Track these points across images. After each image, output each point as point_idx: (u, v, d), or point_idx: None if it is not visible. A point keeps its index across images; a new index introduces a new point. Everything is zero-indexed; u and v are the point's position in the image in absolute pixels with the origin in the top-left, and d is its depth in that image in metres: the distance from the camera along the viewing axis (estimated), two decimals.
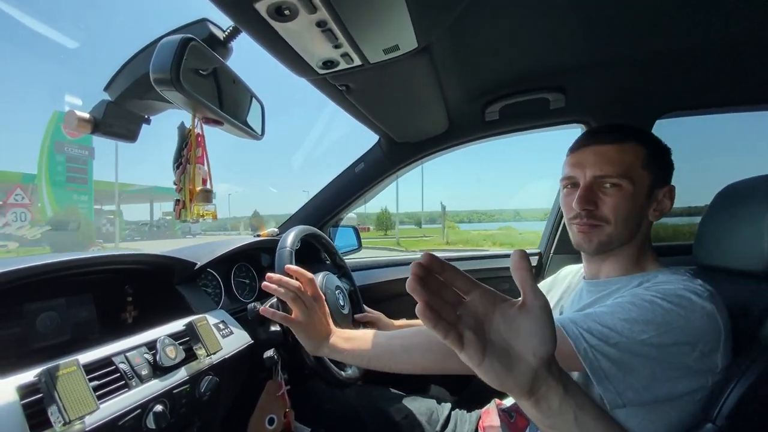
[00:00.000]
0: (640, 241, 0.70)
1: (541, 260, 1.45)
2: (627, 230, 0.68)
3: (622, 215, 0.66)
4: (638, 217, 0.68)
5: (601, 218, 0.68)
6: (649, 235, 0.72)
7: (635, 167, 0.66)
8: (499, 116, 1.19)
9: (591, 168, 0.68)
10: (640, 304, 0.57)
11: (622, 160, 0.66)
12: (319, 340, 0.74)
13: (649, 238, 0.72)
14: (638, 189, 0.66)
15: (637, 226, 0.69)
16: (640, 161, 0.66)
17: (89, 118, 0.64)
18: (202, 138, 0.68)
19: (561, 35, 0.89)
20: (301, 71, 0.72)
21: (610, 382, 0.55)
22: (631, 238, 0.69)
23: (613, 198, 0.66)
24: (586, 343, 0.55)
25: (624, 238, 0.69)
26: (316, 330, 0.75)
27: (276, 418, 0.92)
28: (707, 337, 0.55)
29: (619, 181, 0.66)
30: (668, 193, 0.69)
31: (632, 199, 0.66)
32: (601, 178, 0.67)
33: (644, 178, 0.67)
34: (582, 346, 0.55)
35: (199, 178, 0.68)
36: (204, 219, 0.70)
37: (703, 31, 0.87)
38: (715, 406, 0.55)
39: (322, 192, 1.44)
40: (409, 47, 0.67)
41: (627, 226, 0.67)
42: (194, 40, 0.51)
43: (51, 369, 0.52)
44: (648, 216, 0.69)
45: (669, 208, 0.69)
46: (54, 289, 0.74)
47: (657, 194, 0.68)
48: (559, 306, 0.83)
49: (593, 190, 0.68)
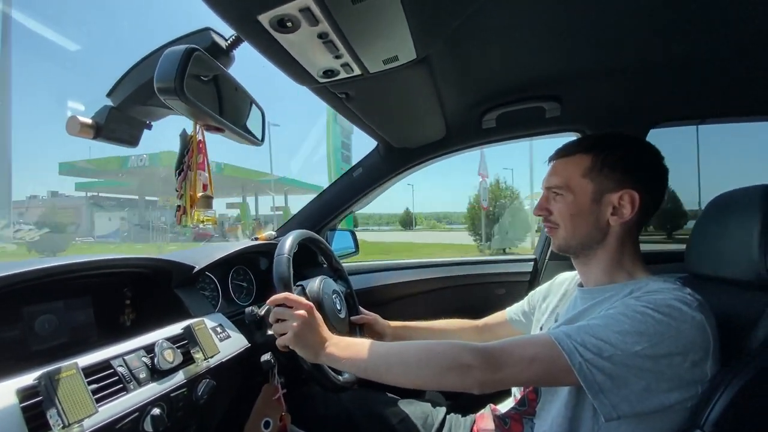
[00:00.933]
0: (614, 245, 0.72)
1: (536, 266, 1.46)
2: (580, 233, 0.73)
3: (567, 219, 0.73)
4: (591, 221, 0.71)
5: (554, 222, 0.76)
6: (630, 240, 0.72)
7: (574, 177, 0.73)
8: (496, 124, 1.20)
9: (545, 181, 0.78)
10: (633, 316, 0.58)
11: (562, 172, 0.75)
12: (315, 349, 0.74)
13: (633, 243, 0.73)
14: (579, 197, 0.72)
15: (597, 230, 0.71)
16: (580, 171, 0.73)
17: (92, 123, 0.65)
18: (203, 144, 0.68)
19: (556, 46, 0.90)
20: (302, 79, 0.73)
21: (605, 396, 0.56)
22: (596, 241, 0.72)
23: (558, 204, 0.75)
24: (580, 357, 0.57)
25: (582, 241, 0.73)
26: (311, 339, 0.75)
27: (272, 422, 0.92)
28: (697, 347, 0.56)
29: (560, 190, 0.74)
30: (627, 197, 0.69)
31: (574, 206, 0.72)
32: (549, 189, 0.76)
33: (585, 186, 0.72)
34: (577, 360, 0.57)
35: (200, 184, 0.68)
36: (204, 225, 0.71)
37: (696, 41, 0.89)
38: (703, 413, 0.56)
39: (321, 196, 1.45)
40: (408, 58, 0.69)
41: (577, 229, 0.73)
42: (198, 50, 0.52)
43: (51, 372, 0.53)
44: (607, 221, 0.71)
45: (631, 213, 0.69)
46: (53, 292, 0.74)
47: (609, 199, 0.70)
48: (555, 313, 0.84)
49: (548, 200, 0.77)
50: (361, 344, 0.73)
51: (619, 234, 0.71)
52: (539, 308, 0.93)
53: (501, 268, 1.51)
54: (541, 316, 0.89)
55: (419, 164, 1.35)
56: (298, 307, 0.76)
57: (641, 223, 0.73)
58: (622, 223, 0.70)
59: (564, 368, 0.57)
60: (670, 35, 0.87)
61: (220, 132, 0.68)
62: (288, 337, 0.74)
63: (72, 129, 0.63)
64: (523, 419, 0.76)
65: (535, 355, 0.60)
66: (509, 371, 0.61)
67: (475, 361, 0.60)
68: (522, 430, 0.76)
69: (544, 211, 0.78)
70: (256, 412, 0.92)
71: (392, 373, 0.68)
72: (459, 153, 1.35)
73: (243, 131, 0.72)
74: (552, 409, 0.69)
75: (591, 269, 0.75)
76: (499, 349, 0.62)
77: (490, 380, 0.61)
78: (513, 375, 0.61)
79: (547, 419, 0.69)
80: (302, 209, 1.47)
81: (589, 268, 0.76)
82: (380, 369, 0.69)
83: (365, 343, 0.73)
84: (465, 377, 0.61)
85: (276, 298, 0.78)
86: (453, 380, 0.62)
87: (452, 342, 0.66)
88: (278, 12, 0.50)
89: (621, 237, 0.72)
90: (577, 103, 1.14)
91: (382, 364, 0.69)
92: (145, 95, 0.65)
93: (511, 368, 0.61)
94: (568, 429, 0.65)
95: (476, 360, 0.61)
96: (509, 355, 0.61)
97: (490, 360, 0.61)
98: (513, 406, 0.80)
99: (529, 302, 0.98)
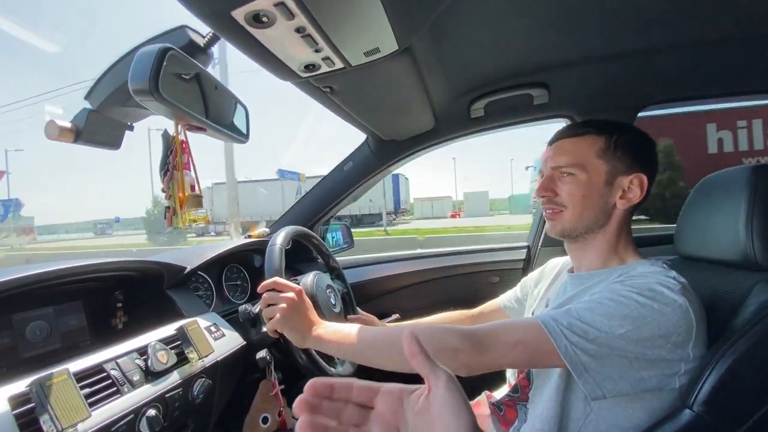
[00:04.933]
0: (614, 229, 0.72)
1: (529, 253, 1.47)
2: (588, 216, 0.71)
3: (577, 201, 0.71)
4: (600, 204, 0.71)
5: (560, 204, 0.73)
6: (627, 225, 0.73)
7: (589, 157, 0.71)
8: (484, 113, 1.20)
9: (551, 160, 0.74)
10: (617, 300, 0.59)
11: (575, 150, 0.72)
12: (303, 332, 0.74)
13: (628, 228, 0.74)
14: (593, 177, 0.71)
15: (603, 213, 0.71)
16: (594, 151, 0.71)
17: (71, 127, 0.64)
18: (186, 144, 0.68)
19: (542, 32, 0.90)
20: (284, 75, 0.72)
21: (589, 375, 0.58)
22: (599, 225, 0.72)
23: (568, 185, 0.72)
24: (566, 340, 0.58)
25: (588, 224, 0.72)
26: (299, 321, 0.75)
27: (270, 417, 0.93)
28: (680, 329, 0.57)
29: (572, 169, 0.71)
30: (637, 181, 0.70)
31: (587, 186, 0.71)
32: (557, 169, 0.73)
33: (600, 167, 0.71)
34: (562, 342, 0.58)
35: (188, 184, 0.68)
36: (196, 224, 0.70)
37: (681, 25, 0.89)
38: (692, 393, 0.57)
39: (312, 191, 1.44)
40: (390, 49, 0.68)
41: (586, 211, 0.71)
42: (173, 49, 0.52)
43: (42, 379, 0.53)
44: (615, 204, 0.71)
45: (640, 197, 0.70)
46: (43, 299, 0.74)
47: (620, 182, 0.70)
48: (545, 298, 0.85)
49: (553, 180, 0.74)
50: (349, 328, 0.74)
51: (620, 218, 0.72)
52: (531, 294, 0.94)
53: (494, 257, 1.52)
54: (533, 302, 0.90)
55: (410, 155, 1.34)
56: (286, 290, 0.77)
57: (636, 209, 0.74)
58: (628, 207, 0.71)
59: (549, 351, 0.58)
60: (654, 21, 0.87)
61: (203, 131, 0.67)
62: (276, 319, 0.75)
63: (51, 133, 0.63)
64: (516, 405, 0.77)
65: (521, 338, 0.61)
66: (495, 354, 0.61)
67: (461, 344, 0.61)
68: (516, 416, 0.77)
69: (549, 192, 0.74)
70: (254, 409, 0.93)
71: (381, 356, 0.69)
72: (449, 143, 1.34)
73: (227, 129, 0.71)
74: (543, 394, 0.70)
75: (586, 254, 0.75)
76: (485, 332, 0.63)
77: (476, 363, 0.62)
78: (499, 357, 0.62)
79: (539, 404, 0.70)
80: (294, 205, 1.47)
81: (584, 253, 0.76)
82: (368, 353, 0.70)
83: (353, 327, 0.73)
84: (451, 360, 0.61)
85: (266, 284, 0.79)
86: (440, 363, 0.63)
87: (440, 326, 0.67)
88: (252, 7, 0.49)
89: (621, 221, 0.72)
90: (565, 90, 1.14)
91: (370, 348, 0.70)
92: (123, 96, 0.64)
93: (497, 351, 0.62)
94: (560, 413, 0.66)
95: (463, 343, 0.61)
96: (495, 338, 0.62)
97: (476, 343, 0.62)
98: (507, 393, 0.81)
99: (521, 289, 0.99)
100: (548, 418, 0.67)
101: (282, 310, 0.75)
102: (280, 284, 0.78)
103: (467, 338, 0.62)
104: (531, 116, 1.24)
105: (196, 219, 0.69)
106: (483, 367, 0.62)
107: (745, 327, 0.59)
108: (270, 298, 0.77)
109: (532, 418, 0.71)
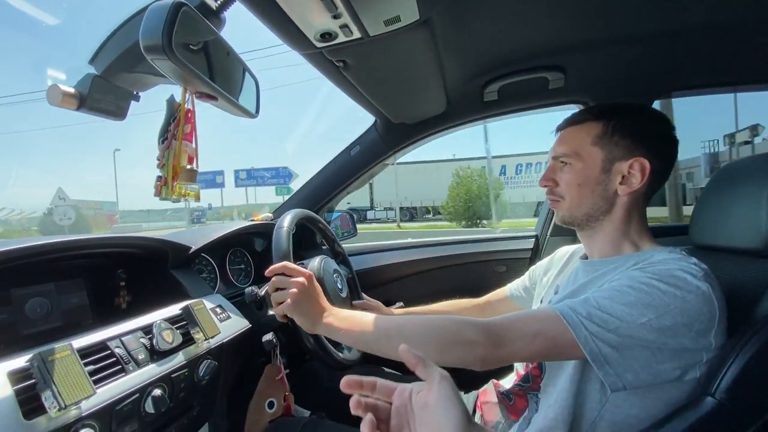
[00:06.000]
0: (621, 216, 0.70)
1: (537, 243, 1.45)
2: (586, 204, 0.71)
3: (574, 190, 0.71)
4: (599, 191, 0.70)
5: (558, 194, 0.74)
6: (637, 211, 0.71)
7: (584, 145, 0.71)
8: (498, 96, 1.17)
9: (552, 150, 0.76)
10: (638, 287, 0.57)
11: (572, 139, 0.73)
12: (313, 318, 0.73)
13: (640, 215, 0.72)
14: (589, 164, 0.70)
15: (604, 201, 0.70)
16: (590, 138, 0.70)
17: (74, 92, 0.60)
18: (192, 114, 0.64)
19: (560, 13, 0.87)
20: (298, 44, 0.69)
21: (610, 366, 0.56)
22: (602, 212, 0.70)
23: (566, 174, 0.72)
24: (586, 331, 0.56)
25: (588, 212, 0.71)
26: (309, 307, 0.74)
27: (275, 402, 0.92)
28: (702, 317, 0.55)
29: (568, 159, 0.72)
30: (637, 165, 0.68)
31: (583, 174, 0.70)
32: (556, 159, 0.74)
33: (595, 154, 0.70)
34: (582, 333, 0.56)
35: (185, 155, 0.64)
36: (186, 199, 0.67)
37: (700, 10, 0.86)
38: (715, 380, 0.55)
39: (317, 176, 1.41)
40: (411, 19, 0.65)
41: (584, 200, 0.71)
42: (186, 5, 0.48)
43: (43, 353, 0.50)
44: (615, 190, 0.69)
45: (641, 181, 0.67)
46: (43, 275, 0.71)
47: (618, 168, 0.69)
48: (554, 286, 0.83)
49: (554, 170, 0.75)
50: (360, 316, 0.72)
51: (626, 204, 0.70)
52: (540, 283, 0.92)
53: (501, 246, 1.50)
54: (542, 290, 0.89)
55: (419, 140, 1.31)
56: (297, 275, 0.75)
57: (649, 194, 0.72)
58: (630, 192, 0.69)
59: (569, 342, 0.56)
60: (674, 3, 0.84)
61: (213, 100, 0.64)
62: (286, 304, 0.72)
63: (53, 99, 0.59)
64: (527, 395, 0.75)
65: (539, 329, 0.59)
66: (512, 347, 0.59)
67: (478, 337, 0.59)
68: (527, 405, 0.75)
69: (550, 182, 0.75)
70: (259, 393, 0.91)
71: (392, 347, 0.66)
72: (459, 128, 1.31)
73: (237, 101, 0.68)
74: (557, 384, 0.68)
75: (596, 241, 0.74)
76: (502, 325, 0.61)
77: (492, 356, 0.60)
78: (516, 350, 0.60)
79: (552, 394, 0.68)
80: (299, 190, 1.44)
81: (594, 241, 0.74)
82: (380, 342, 0.68)
83: (364, 316, 0.72)
84: (467, 353, 0.60)
85: (275, 267, 0.77)
86: (455, 356, 0.61)
87: (454, 317, 0.65)
88: None
89: (628, 207, 0.70)
90: (582, 74, 1.11)
91: (382, 337, 0.68)
92: (130, 61, 0.61)
93: (515, 344, 0.59)
94: (574, 404, 0.64)
95: (479, 336, 0.59)
96: (512, 331, 0.60)
97: (493, 336, 0.60)
98: (517, 383, 0.80)
99: (530, 277, 0.97)
100: (562, 408, 0.65)
101: (293, 295, 0.72)
102: (290, 268, 0.76)
103: (483, 331, 0.60)
104: (546, 101, 1.22)
105: (188, 194, 0.66)
106: (500, 360, 0.60)
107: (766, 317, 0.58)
108: (279, 282, 0.75)
109: (545, 408, 0.69)
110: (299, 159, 78.31)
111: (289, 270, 0.76)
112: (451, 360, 0.61)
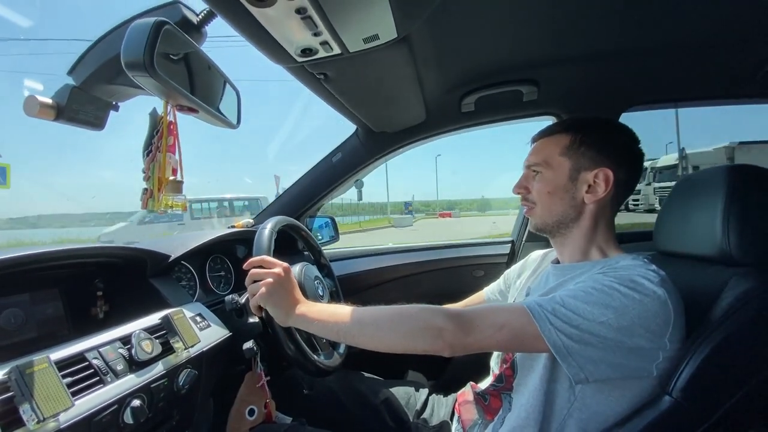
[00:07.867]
0: (588, 224, 0.75)
1: (513, 248, 1.50)
2: (556, 211, 0.75)
3: (545, 197, 0.76)
4: (567, 199, 0.74)
5: (531, 201, 0.79)
6: (604, 219, 0.76)
7: (553, 155, 0.76)
8: (475, 108, 1.21)
9: (526, 159, 0.80)
10: (601, 289, 0.61)
11: (543, 149, 0.78)
12: (287, 309, 0.73)
13: (607, 223, 0.76)
14: (557, 173, 0.75)
15: (572, 208, 0.74)
16: (559, 149, 0.75)
17: (52, 103, 0.60)
18: (174, 126, 0.65)
19: (534, 30, 0.91)
20: (279, 58, 0.71)
21: (572, 358, 0.59)
22: (570, 219, 0.75)
23: (537, 183, 0.77)
24: (550, 325, 0.60)
25: (558, 219, 0.76)
26: (283, 298, 0.74)
27: (256, 409, 0.92)
28: (658, 320, 0.60)
29: (539, 168, 0.77)
30: (602, 175, 0.72)
31: (552, 183, 0.75)
32: (529, 167, 0.79)
33: (563, 164, 0.75)
34: (547, 327, 0.60)
35: (170, 167, 0.65)
36: (173, 210, 0.67)
37: (667, 28, 0.92)
38: (671, 380, 0.60)
39: (299, 182, 1.42)
40: (389, 37, 0.67)
41: (553, 207, 0.76)
42: (168, 24, 0.49)
43: (21, 366, 0.50)
44: (582, 199, 0.74)
45: (605, 191, 0.72)
46: (17, 285, 0.70)
47: (584, 177, 0.73)
48: (526, 288, 0.87)
49: (527, 178, 0.80)
50: (334, 308, 0.73)
51: (593, 212, 0.74)
52: (513, 285, 0.96)
53: (479, 251, 1.54)
54: (515, 292, 0.92)
55: (399, 148, 1.34)
56: (274, 267, 0.76)
57: (616, 204, 0.76)
58: (596, 201, 0.73)
59: (533, 334, 0.60)
60: (643, 22, 0.89)
61: (194, 113, 0.65)
62: (260, 293, 0.73)
63: (30, 110, 0.59)
64: (501, 395, 0.78)
65: (507, 321, 0.63)
66: (480, 335, 0.62)
67: (447, 324, 0.62)
68: (501, 405, 0.78)
69: (522, 189, 0.80)
70: (239, 401, 0.91)
71: (364, 335, 0.68)
72: (438, 137, 1.35)
73: (217, 112, 0.69)
74: (528, 384, 0.71)
75: (566, 247, 0.78)
76: (472, 314, 0.65)
77: (460, 343, 0.63)
78: (483, 339, 0.63)
79: (524, 393, 0.72)
80: (280, 196, 1.44)
81: (564, 247, 0.79)
82: (352, 331, 0.69)
83: (338, 307, 0.73)
84: (436, 339, 0.62)
85: (253, 260, 0.78)
86: (424, 342, 0.64)
87: (425, 306, 0.68)
88: None
89: (595, 215, 0.74)
90: (554, 87, 1.16)
91: (354, 326, 0.69)
92: (110, 73, 0.61)
93: (483, 332, 0.63)
94: (544, 402, 0.68)
95: (448, 323, 0.62)
96: (481, 320, 0.63)
97: (463, 323, 0.63)
98: (491, 383, 0.83)
99: (505, 281, 1.01)
100: (533, 406, 0.68)
101: (267, 284, 0.73)
102: (268, 261, 0.77)
103: (452, 319, 0.63)
104: (520, 113, 1.26)
105: (174, 204, 0.67)
106: (467, 347, 0.63)
107: (721, 318, 0.62)
108: (256, 274, 0.76)
109: (517, 407, 0.72)
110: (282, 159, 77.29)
111: (266, 263, 0.77)
112: (422, 345, 0.64)
